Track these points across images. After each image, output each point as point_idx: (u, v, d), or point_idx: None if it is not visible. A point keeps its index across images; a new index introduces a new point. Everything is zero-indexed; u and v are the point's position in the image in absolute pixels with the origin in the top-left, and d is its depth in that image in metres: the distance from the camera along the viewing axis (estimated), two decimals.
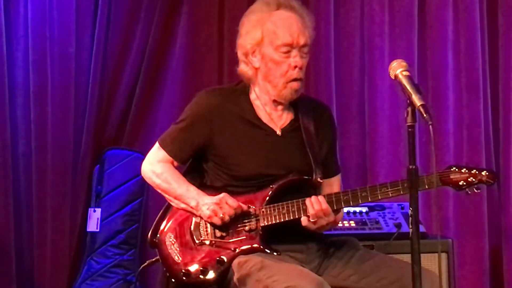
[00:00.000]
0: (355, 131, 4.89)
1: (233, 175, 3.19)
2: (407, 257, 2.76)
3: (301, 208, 3.09)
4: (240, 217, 3.13)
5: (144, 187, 4.64)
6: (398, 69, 2.79)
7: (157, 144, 3.32)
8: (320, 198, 3.08)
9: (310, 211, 3.05)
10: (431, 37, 4.94)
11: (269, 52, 3.15)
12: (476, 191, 3.14)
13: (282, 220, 3.10)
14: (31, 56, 4.61)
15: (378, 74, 4.85)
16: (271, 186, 3.15)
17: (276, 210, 3.11)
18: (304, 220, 3.07)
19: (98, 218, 4.55)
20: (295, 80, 3.17)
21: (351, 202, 3.12)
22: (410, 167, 2.68)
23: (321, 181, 3.22)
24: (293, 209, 3.09)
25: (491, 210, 4.89)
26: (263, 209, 3.12)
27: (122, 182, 4.62)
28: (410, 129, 2.69)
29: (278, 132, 3.24)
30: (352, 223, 4.16)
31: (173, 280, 3.16)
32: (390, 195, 3.11)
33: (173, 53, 4.85)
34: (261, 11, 3.20)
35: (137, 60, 4.77)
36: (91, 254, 4.55)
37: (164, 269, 3.21)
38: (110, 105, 4.79)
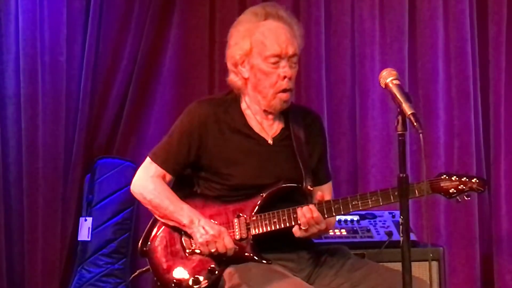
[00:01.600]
0: (346, 139, 4.89)
1: (225, 184, 3.18)
2: (398, 266, 2.75)
3: (291, 216, 3.08)
4: (230, 226, 3.13)
5: None
6: (388, 77, 2.79)
7: (148, 159, 3.28)
8: (311, 206, 3.08)
9: (301, 219, 3.05)
10: (422, 46, 4.95)
11: (258, 63, 3.15)
12: (466, 198, 3.15)
13: (273, 228, 3.10)
14: (22, 65, 4.59)
15: (368, 83, 4.86)
16: (261, 194, 3.15)
17: (267, 219, 3.10)
18: (295, 229, 3.07)
19: (89, 227, 4.54)
20: (284, 90, 3.17)
21: (342, 211, 3.12)
22: (401, 175, 2.69)
23: (311, 188, 3.22)
24: (283, 218, 3.09)
25: (482, 218, 4.91)
26: (253, 218, 3.12)
27: (113, 191, 4.61)
28: (400, 138, 2.69)
29: (270, 141, 3.24)
30: (343, 232, 4.16)
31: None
32: (381, 203, 3.12)
33: (164, 62, 4.85)
34: (249, 21, 3.20)
35: (128, 69, 4.77)
36: (82, 263, 4.54)
37: (155, 278, 3.20)
38: (101, 114, 4.78)
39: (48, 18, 4.66)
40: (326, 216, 3.09)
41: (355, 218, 4.25)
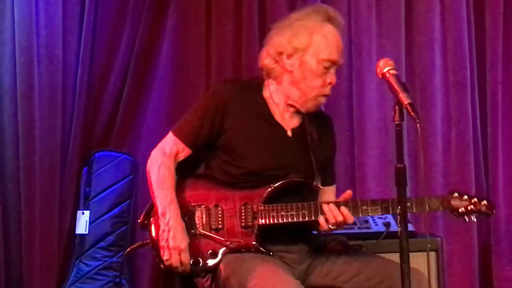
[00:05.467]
0: (343, 130, 4.89)
1: (240, 167, 3.18)
2: (396, 256, 2.76)
3: (299, 212, 3.08)
4: (237, 213, 3.12)
5: (133, 188, 4.63)
6: (385, 68, 2.82)
7: (170, 134, 3.27)
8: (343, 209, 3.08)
9: (331, 220, 3.05)
10: (419, 36, 4.95)
11: (311, 62, 3.16)
12: (473, 220, 3.17)
13: (280, 221, 3.10)
14: (18, 58, 4.58)
15: (365, 73, 4.85)
16: (270, 185, 3.14)
17: (275, 211, 3.10)
18: (322, 222, 3.07)
19: (86, 221, 4.54)
20: (325, 95, 3.22)
21: (369, 212, 3.12)
22: (398, 165, 2.69)
23: (321, 187, 3.25)
24: (291, 212, 3.09)
25: None
26: (261, 208, 3.11)
27: (110, 184, 4.61)
28: (397, 128, 2.70)
29: (289, 133, 3.26)
30: None
31: (161, 265, 3.13)
32: (414, 211, 3.12)
33: (161, 54, 4.84)
34: (313, 19, 3.20)
35: (124, 62, 4.76)
36: (80, 257, 4.53)
37: (154, 253, 3.16)
38: (97, 107, 4.77)
39: (44, 11, 4.65)
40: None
41: None
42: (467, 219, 3.17)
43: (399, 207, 2.68)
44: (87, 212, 4.55)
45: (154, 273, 4.68)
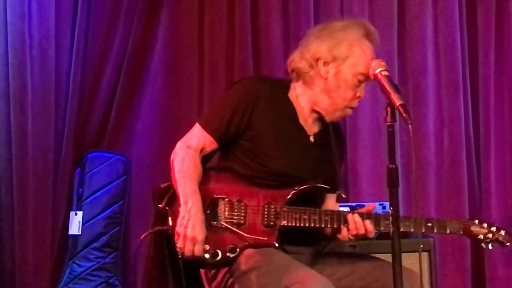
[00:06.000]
0: None
1: (260, 164, 3.17)
2: (389, 256, 2.76)
3: (322, 218, 3.08)
4: (260, 211, 3.11)
5: (126, 189, 4.63)
6: (377, 69, 2.84)
7: (197, 126, 3.22)
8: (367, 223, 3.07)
9: (353, 231, 3.05)
10: (411, 37, 4.96)
11: (346, 73, 3.15)
12: (489, 247, 3.19)
13: (302, 225, 3.08)
14: (10, 60, 4.58)
15: None
16: (295, 187, 3.14)
17: (298, 213, 3.09)
18: (344, 234, 3.08)
19: (79, 221, 4.53)
20: (351, 108, 3.22)
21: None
22: (390, 166, 2.69)
23: (344, 196, 3.26)
24: (314, 217, 3.08)
25: (472, 207, 4.92)
26: (284, 209, 3.10)
27: (103, 184, 4.61)
28: (389, 129, 2.70)
29: (311, 138, 3.25)
30: None
31: (179, 254, 3.09)
32: (435, 231, 3.12)
33: (153, 56, 4.85)
34: (354, 32, 3.19)
35: (117, 63, 4.75)
36: (73, 258, 4.53)
37: (172, 240, 3.07)
38: (90, 108, 4.77)
39: (37, 11, 4.65)
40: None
41: (346, 209, 4.24)
42: (484, 246, 3.19)
43: (391, 208, 2.68)
44: (80, 213, 4.55)
45: (146, 274, 4.68)
